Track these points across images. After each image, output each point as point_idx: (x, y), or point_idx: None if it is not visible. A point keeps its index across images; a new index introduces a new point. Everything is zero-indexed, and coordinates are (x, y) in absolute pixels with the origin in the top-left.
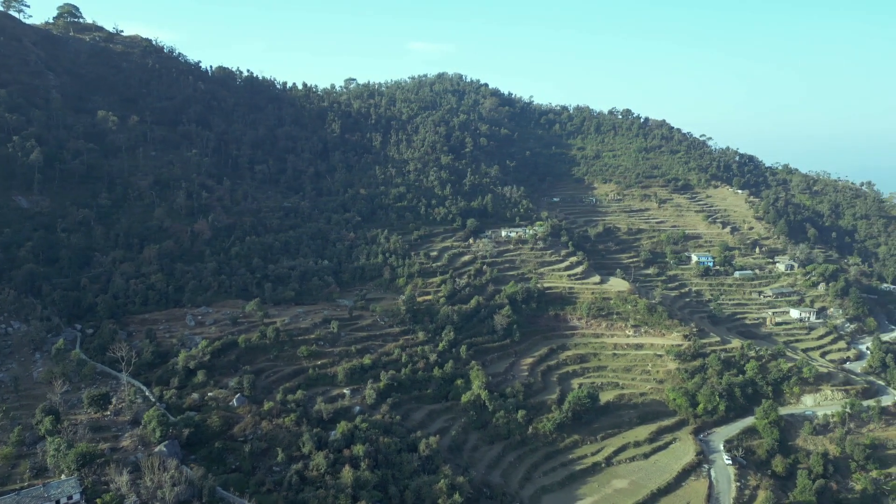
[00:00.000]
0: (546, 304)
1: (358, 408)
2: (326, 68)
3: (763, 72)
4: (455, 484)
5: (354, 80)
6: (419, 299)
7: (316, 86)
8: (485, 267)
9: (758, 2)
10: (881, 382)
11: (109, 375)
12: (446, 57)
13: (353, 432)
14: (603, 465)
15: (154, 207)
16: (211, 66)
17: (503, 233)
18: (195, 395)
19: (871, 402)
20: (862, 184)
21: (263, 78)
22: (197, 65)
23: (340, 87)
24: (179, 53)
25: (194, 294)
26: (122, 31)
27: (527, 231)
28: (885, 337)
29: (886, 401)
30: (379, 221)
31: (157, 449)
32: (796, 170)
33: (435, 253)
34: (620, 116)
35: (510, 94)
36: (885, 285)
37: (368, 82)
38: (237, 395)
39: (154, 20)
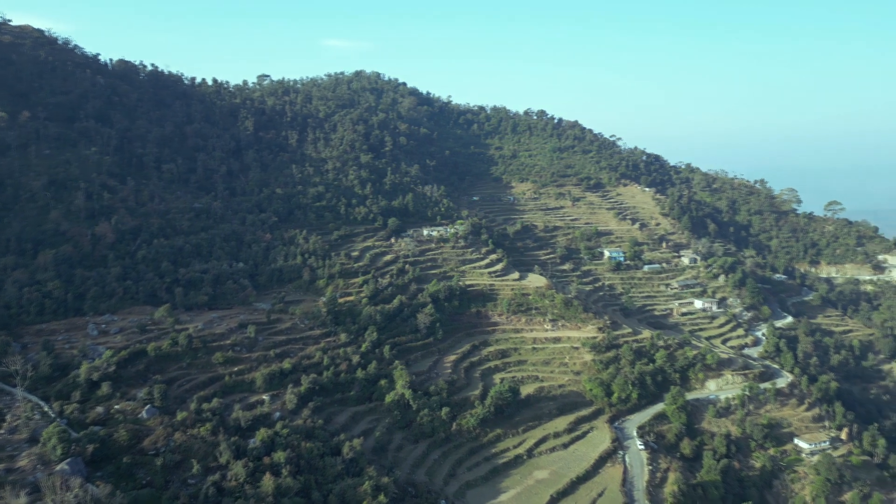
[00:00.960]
0: (468, 302)
1: (278, 414)
2: (237, 64)
3: (668, 76)
4: (380, 485)
5: (268, 76)
6: (341, 300)
7: (227, 82)
8: (407, 266)
9: (656, 12)
10: (776, 366)
11: (2, 391)
12: (363, 55)
13: (274, 439)
14: (525, 457)
15: (49, 210)
16: (111, 60)
17: (425, 232)
18: (100, 409)
19: (767, 385)
20: (755, 182)
21: (170, 73)
22: (95, 57)
23: (253, 83)
24: (75, 45)
25: (97, 301)
26: (10, 21)
27: (448, 230)
28: (779, 323)
29: (781, 383)
30: (297, 222)
31: (58, 468)
32: (697, 169)
33: (356, 253)
34: (535, 117)
35: (428, 93)
36: (777, 275)
37: (283, 79)
38: (147, 407)
39: (46, 10)
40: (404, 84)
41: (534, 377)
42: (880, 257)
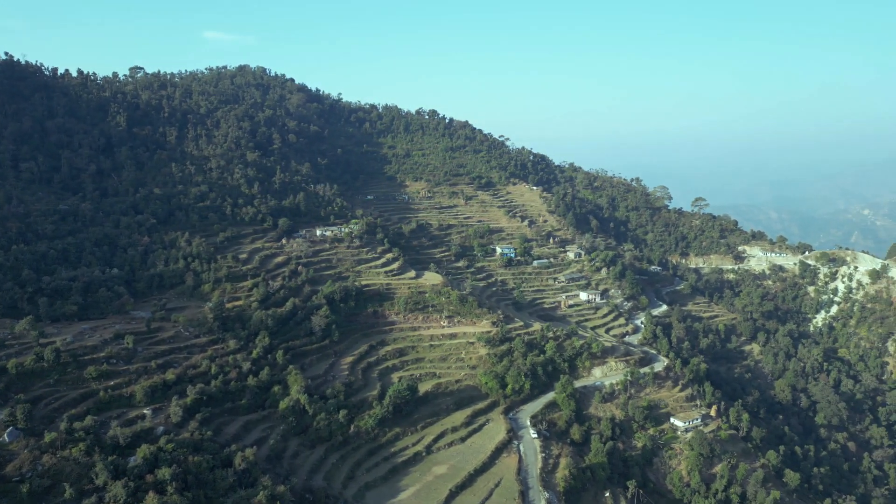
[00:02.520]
0: (364, 302)
1: (162, 428)
2: (105, 57)
3: (547, 79)
4: (275, 494)
5: (142, 69)
6: (228, 305)
7: (95, 73)
8: (300, 267)
9: (545, 16)
10: (653, 351)
11: None
12: (247, 49)
13: (157, 455)
14: (424, 453)
15: None
16: None
17: (318, 232)
18: None
19: (646, 370)
20: (632, 179)
21: (27, 62)
22: None
23: (125, 76)
24: None
25: None
26: None
27: (342, 229)
28: (655, 312)
29: (658, 367)
30: (178, 223)
31: None
32: (580, 168)
33: (244, 255)
34: (427, 117)
35: (318, 90)
36: (653, 267)
37: (159, 72)
38: (9, 430)
39: None
40: (292, 80)
41: (431, 374)
42: (740, 248)
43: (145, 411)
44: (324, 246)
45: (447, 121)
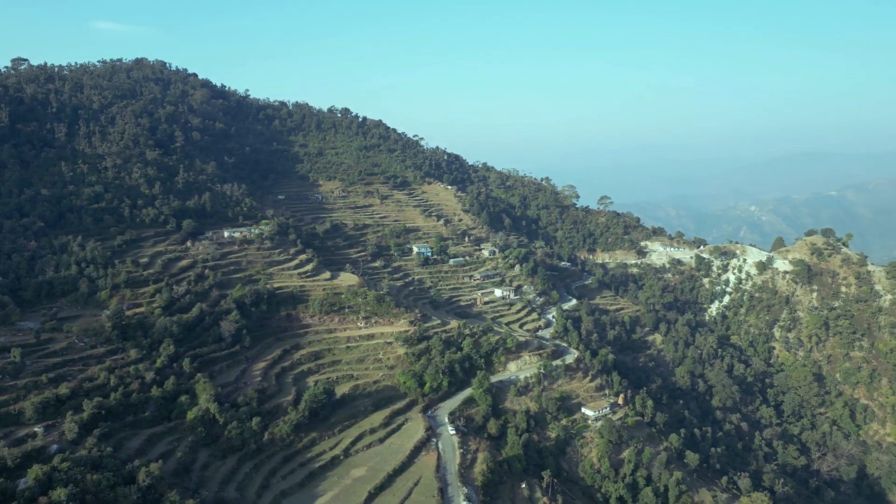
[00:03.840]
0: (277, 305)
1: (56, 446)
2: None
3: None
4: None
5: (26, 60)
6: (128, 313)
7: None
8: (207, 271)
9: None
10: (564, 344)
11: None
12: (144, 41)
13: (51, 475)
14: (342, 457)
15: None
16: None
17: (226, 233)
18: None
19: (558, 362)
20: (542, 179)
21: None
22: None
23: (6, 67)
24: None
25: None
26: None
27: (252, 230)
28: (566, 306)
29: (569, 359)
30: (70, 227)
31: None
32: (493, 168)
33: (145, 259)
34: (340, 115)
35: (224, 86)
36: (563, 263)
37: (46, 64)
38: None
39: None
40: (195, 75)
41: (349, 376)
42: (643, 244)
43: (36, 429)
44: (232, 248)
45: (360, 119)
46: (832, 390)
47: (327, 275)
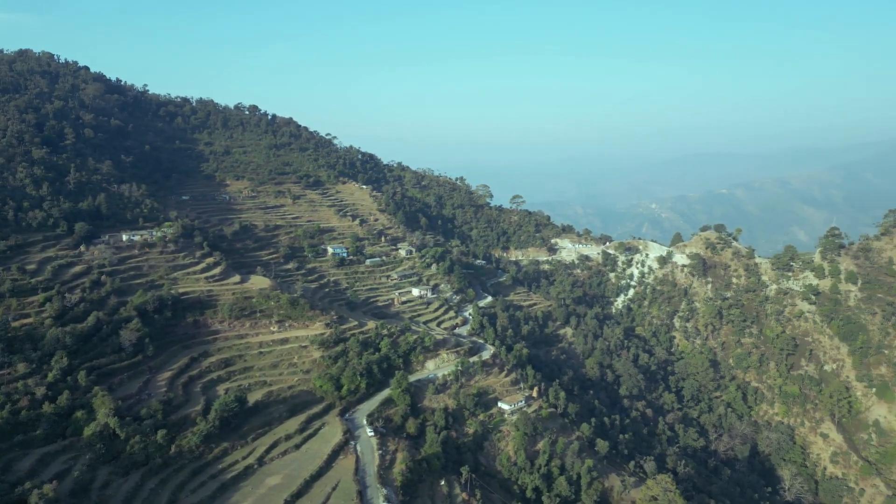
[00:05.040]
0: (183, 311)
1: None
2: None
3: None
4: None
5: None
6: (15, 324)
7: None
8: (104, 277)
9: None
10: (481, 341)
11: None
12: (28, 31)
13: None
14: (256, 466)
15: None
16: None
17: (124, 237)
18: None
19: (475, 358)
20: (457, 179)
21: None
22: None
23: None
24: None
25: None
26: None
27: (154, 233)
28: (482, 303)
29: (486, 355)
30: None
31: None
32: (408, 167)
33: (33, 266)
34: (248, 112)
35: (119, 80)
36: (478, 261)
37: None
38: None
39: None
40: (87, 68)
41: (262, 382)
42: (553, 241)
43: None
44: (132, 252)
45: (270, 117)
46: (726, 375)
47: (237, 278)
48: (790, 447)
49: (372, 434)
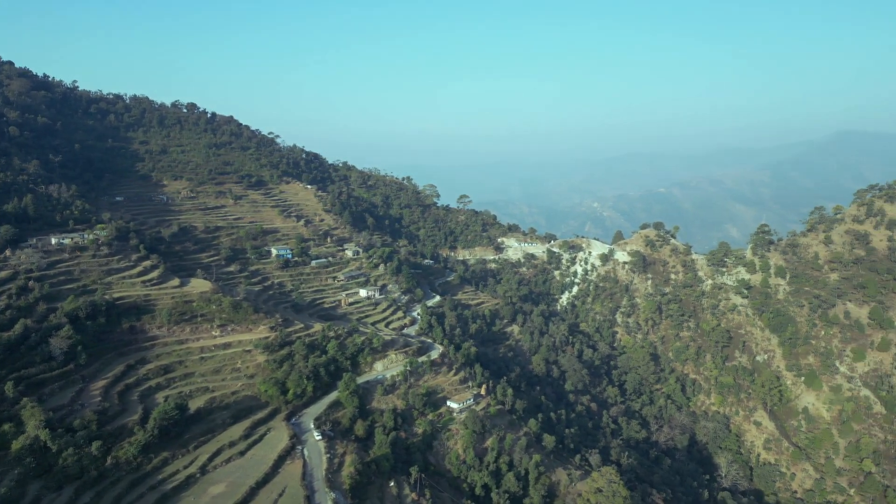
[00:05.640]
0: (119, 317)
1: None
2: None
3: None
4: None
5: None
6: None
7: None
8: (31, 283)
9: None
10: (429, 340)
11: None
12: None
13: None
14: (198, 475)
15: None
16: None
17: (53, 240)
18: None
19: (423, 358)
20: (403, 178)
21: None
22: None
23: None
24: None
25: None
26: None
27: (86, 236)
28: (430, 303)
29: (434, 354)
30: None
31: None
32: (354, 167)
33: None
34: (185, 110)
35: (46, 76)
36: (426, 261)
37: None
38: None
39: None
40: (11, 63)
41: (204, 388)
42: (500, 240)
43: None
44: (62, 256)
45: (209, 115)
46: (666, 368)
47: (176, 282)
48: (726, 435)
49: (319, 438)
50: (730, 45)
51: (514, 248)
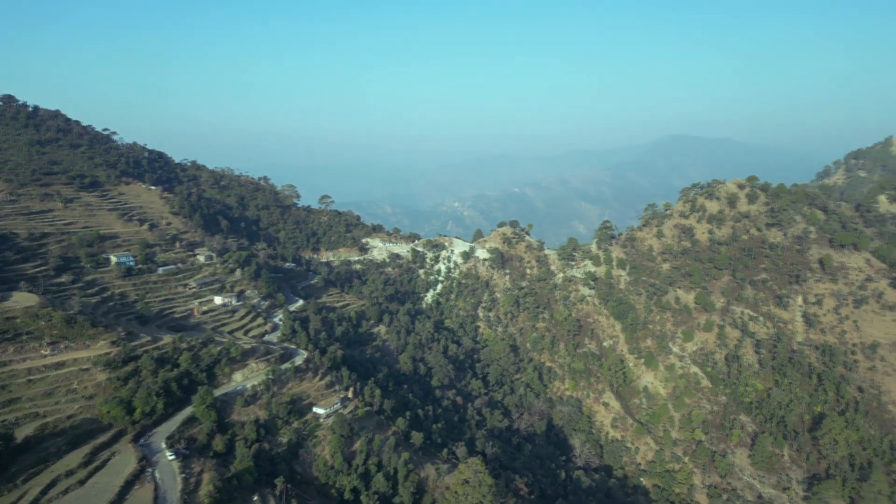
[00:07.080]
0: None
1: None
2: None
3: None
4: None
5: None
6: None
7: None
8: None
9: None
10: (293, 346)
11: None
12: None
13: None
14: None
15: None
16: None
17: None
18: None
19: (287, 365)
20: (260, 178)
21: None
22: None
23: None
24: None
25: None
26: None
27: None
28: (292, 307)
29: (298, 360)
30: None
31: None
32: (204, 166)
33: None
34: (2, 103)
35: None
36: (288, 264)
37: None
38: None
39: None
40: None
41: (33, 414)
42: (364, 241)
43: None
44: None
45: (31, 109)
46: (524, 358)
47: None
48: (579, 418)
49: (173, 457)
50: (573, 58)
51: (379, 249)
